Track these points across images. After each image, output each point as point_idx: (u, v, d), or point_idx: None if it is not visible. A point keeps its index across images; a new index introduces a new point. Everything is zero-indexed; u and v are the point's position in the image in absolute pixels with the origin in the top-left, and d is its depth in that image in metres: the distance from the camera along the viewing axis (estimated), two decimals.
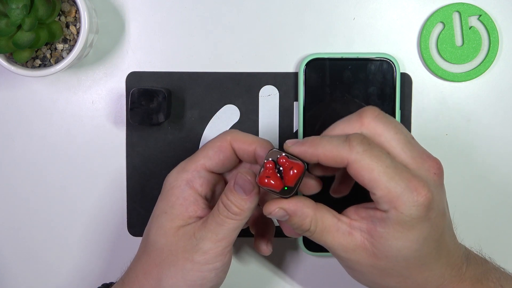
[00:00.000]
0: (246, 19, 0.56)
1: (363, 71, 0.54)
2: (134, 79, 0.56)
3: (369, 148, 0.41)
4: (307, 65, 0.54)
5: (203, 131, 0.56)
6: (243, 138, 0.48)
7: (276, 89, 0.56)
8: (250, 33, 0.56)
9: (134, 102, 0.53)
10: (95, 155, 0.57)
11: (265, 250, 0.52)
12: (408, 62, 0.56)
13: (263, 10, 0.56)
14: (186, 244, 0.45)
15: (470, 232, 0.55)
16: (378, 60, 0.54)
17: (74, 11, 0.52)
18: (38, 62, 0.52)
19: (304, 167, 0.43)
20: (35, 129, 0.57)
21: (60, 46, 0.52)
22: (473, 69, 0.56)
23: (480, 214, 0.57)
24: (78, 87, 0.57)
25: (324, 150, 0.42)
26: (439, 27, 0.56)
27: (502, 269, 0.48)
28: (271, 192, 0.44)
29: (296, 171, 0.43)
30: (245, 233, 0.54)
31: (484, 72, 0.56)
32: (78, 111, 0.57)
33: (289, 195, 0.43)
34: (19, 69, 0.51)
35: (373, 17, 0.56)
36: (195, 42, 0.56)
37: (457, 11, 0.55)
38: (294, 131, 0.56)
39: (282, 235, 0.56)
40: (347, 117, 0.45)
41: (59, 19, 0.52)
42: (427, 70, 0.56)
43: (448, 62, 0.56)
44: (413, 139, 0.44)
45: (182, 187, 0.47)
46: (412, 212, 0.41)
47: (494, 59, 0.55)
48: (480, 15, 0.55)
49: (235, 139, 0.48)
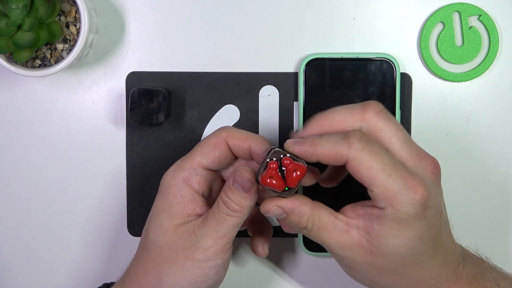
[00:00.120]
0: (246, 19, 0.56)
1: (363, 71, 0.54)
2: (134, 79, 0.56)
3: (368, 145, 0.42)
4: (307, 65, 0.54)
5: (203, 131, 0.56)
6: (237, 134, 0.48)
7: (276, 89, 0.56)
8: (250, 33, 0.56)
9: (134, 102, 0.53)
10: (95, 155, 0.57)
11: (261, 252, 0.52)
12: (408, 62, 0.56)
13: (263, 10, 0.56)
14: (186, 242, 0.45)
15: (470, 232, 0.55)
16: (378, 60, 0.54)
17: (74, 11, 0.52)
18: (38, 62, 0.52)
19: (306, 167, 0.43)
20: (35, 129, 0.57)
21: (60, 46, 0.52)
22: (473, 69, 0.56)
23: (480, 214, 0.57)
24: (78, 87, 0.57)
25: (324, 149, 0.42)
26: (439, 27, 0.56)
27: (499, 268, 0.48)
28: (271, 191, 0.44)
29: (299, 173, 0.43)
30: (244, 233, 0.54)
31: (484, 72, 0.56)
32: (78, 111, 0.57)
33: (289, 195, 0.43)
34: (19, 69, 0.51)
35: (373, 17, 0.56)
36: (195, 42, 0.56)
37: (457, 11, 0.55)
38: (294, 131, 0.56)
39: (281, 235, 0.56)
40: (350, 105, 0.45)
41: (59, 19, 0.52)
42: (427, 70, 0.56)
43: (448, 62, 0.56)
44: (411, 139, 0.45)
45: (180, 185, 0.47)
46: (408, 210, 0.41)
47: (494, 59, 0.55)
48: (480, 15, 0.55)
49: (230, 135, 0.48)
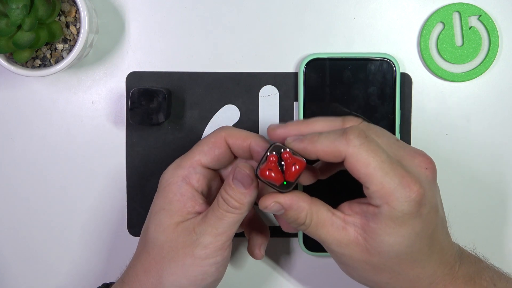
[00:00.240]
0: (246, 19, 0.56)
1: (363, 71, 0.54)
2: (134, 79, 0.56)
3: (366, 141, 0.42)
4: (307, 65, 0.54)
5: (203, 131, 0.56)
6: (237, 133, 0.48)
7: (276, 89, 0.56)
8: (250, 33, 0.56)
9: (134, 102, 0.53)
10: (95, 155, 0.57)
11: (258, 255, 0.52)
12: (408, 62, 0.56)
13: (263, 10, 0.56)
14: (186, 240, 0.45)
15: (469, 232, 0.55)
16: (378, 60, 0.54)
17: (74, 11, 0.52)
18: (38, 62, 0.52)
19: (305, 162, 0.43)
20: (35, 129, 0.57)
21: (60, 46, 0.52)
22: (473, 69, 0.56)
23: (479, 213, 0.57)
24: (78, 87, 0.57)
25: (322, 146, 0.43)
26: (439, 27, 0.56)
27: (496, 268, 0.48)
28: (269, 185, 0.44)
29: (298, 167, 0.43)
30: (243, 234, 0.54)
31: (484, 72, 0.56)
32: (78, 111, 0.57)
33: (287, 190, 0.43)
34: (19, 69, 0.51)
35: (373, 17, 0.56)
36: (195, 42, 0.56)
37: (457, 11, 0.55)
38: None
39: (281, 235, 0.56)
40: (330, 117, 0.46)
41: (59, 19, 0.52)
42: (427, 70, 0.56)
43: (448, 62, 0.56)
44: (398, 140, 0.45)
45: (179, 183, 0.47)
46: (404, 208, 0.41)
47: (494, 59, 0.55)
48: (480, 15, 0.55)
49: (229, 135, 0.48)
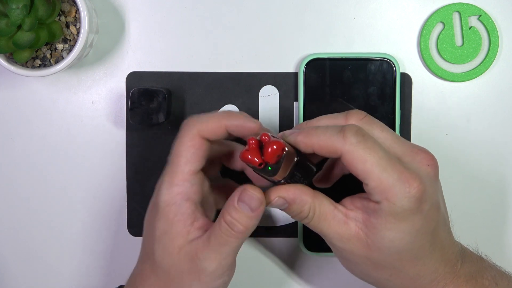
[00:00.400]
0: (246, 19, 0.56)
1: (363, 71, 0.54)
2: (134, 79, 0.56)
3: (363, 139, 0.42)
4: (307, 65, 0.54)
5: None
6: (208, 125, 0.45)
7: (276, 89, 0.56)
8: (250, 33, 0.56)
9: (134, 102, 0.53)
10: (95, 155, 0.57)
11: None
12: (408, 62, 0.56)
13: (263, 10, 0.56)
14: (191, 267, 0.44)
15: (470, 231, 0.55)
16: (378, 60, 0.54)
17: (74, 11, 0.52)
18: (38, 62, 0.52)
19: (285, 145, 0.42)
20: (35, 129, 0.57)
21: (60, 46, 0.52)
22: (473, 69, 0.56)
23: (479, 213, 0.57)
24: (78, 87, 0.57)
25: (319, 140, 0.42)
26: (439, 27, 0.56)
27: (498, 267, 0.48)
28: (255, 171, 0.43)
29: (275, 147, 0.42)
30: None
31: (484, 72, 0.56)
32: (78, 111, 0.57)
33: (274, 175, 0.43)
34: (19, 69, 0.51)
35: (373, 17, 0.56)
36: (195, 42, 0.56)
37: (457, 11, 0.55)
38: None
39: (281, 235, 0.56)
40: (333, 114, 0.45)
41: (59, 19, 0.52)
42: (427, 70, 0.56)
43: (448, 62, 0.56)
44: (400, 137, 0.45)
45: (179, 203, 0.44)
46: (404, 204, 0.41)
47: (494, 59, 0.55)
48: (480, 15, 0.55)
49: (201, 130, 0.45)
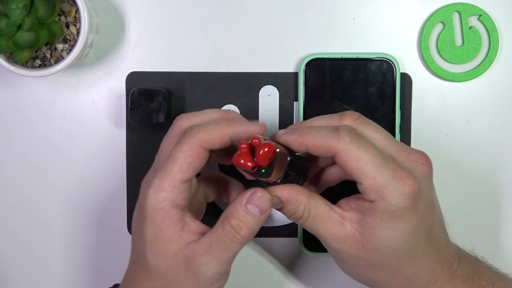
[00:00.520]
0: (246, 19, 0.56)
1: (363, 71, 0.54)
2: (134, 79, 0.56)
3: (357, 138, 0.42)
4: (307, 65, 0.54)
5: None
6: (211, 136, 0.44)
7: (276, 89, 0.56)
8: (250, 33, 0.56)
9: (134, 102, 0.53)
10: (95, 155, 0.57)
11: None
12: (408, 62, 0.56)
13: (263, 10, 0.56)
14: (188, 271, 0.43)
15: (469, 232, 0.55)
16: (378, 60, 0.54)
17: (74, 11, 0.52)
18: (38, 62, 0.52)
19: (276, 146, 0.42)
20: (35, 129, 0.57)
21: (60, 46, 0.52)
22: (473, 69, 0.56)
23: (479, 214, 0.57)
24: (78, 87, 0.57)
25: (313, 139, 0.43)
26: (439, 27, 0.56)
27: (495, 268, 0.48)
28: (250, 174, 0.43)
29: (266, 150, 0.42)
30: None
31: (484, 72, 0.56)
32: (78, 111, 0.57)
33: (268, 177, 0.43)
34: (19, 69, 0.51)
35: (373, 17, 0.56)
36: (195, 42, 0.56)
37: (457, 11, 0.55)
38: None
39: (281, 234, 0.56)
40: (328, 115, 0.46)
41: (59, 19, 0.52)
42: (427, 70, 0.56)
43: (448, 62, 0.56)
44: (394, 138, 0.45)
45: (166, 208, 0.43)
46: (398, 202, 0.41)
47: (494, 59, 0.55)
48: (480, 15, 0.55)
49: (204, 142, 0.44)
